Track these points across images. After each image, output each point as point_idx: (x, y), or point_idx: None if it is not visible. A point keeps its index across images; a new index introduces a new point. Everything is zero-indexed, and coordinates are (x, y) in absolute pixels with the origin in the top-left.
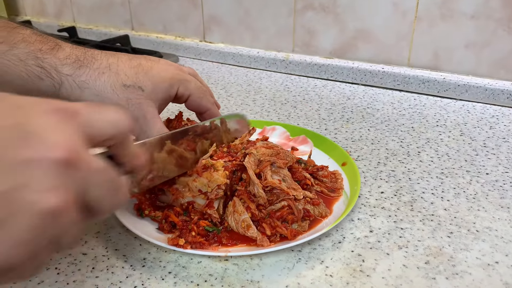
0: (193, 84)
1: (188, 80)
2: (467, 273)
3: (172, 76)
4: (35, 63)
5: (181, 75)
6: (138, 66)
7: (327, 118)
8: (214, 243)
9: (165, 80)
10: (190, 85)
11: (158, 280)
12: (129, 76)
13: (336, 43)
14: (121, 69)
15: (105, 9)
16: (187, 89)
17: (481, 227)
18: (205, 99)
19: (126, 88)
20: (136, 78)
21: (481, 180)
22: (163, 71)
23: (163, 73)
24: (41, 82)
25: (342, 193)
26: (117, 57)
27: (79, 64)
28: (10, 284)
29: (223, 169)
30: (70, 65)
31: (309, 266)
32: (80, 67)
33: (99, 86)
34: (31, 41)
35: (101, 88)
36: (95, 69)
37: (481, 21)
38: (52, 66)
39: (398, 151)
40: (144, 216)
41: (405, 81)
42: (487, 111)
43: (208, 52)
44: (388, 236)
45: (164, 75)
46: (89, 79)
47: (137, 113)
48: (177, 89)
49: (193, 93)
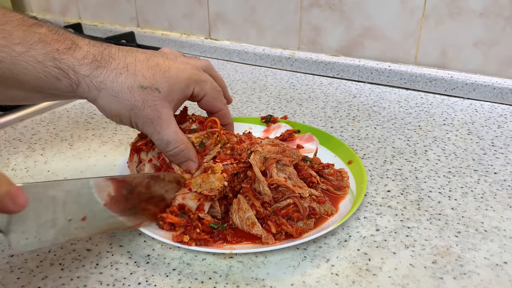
0: (209, 84)
1: (204, 81)
2: (475, 273)
3: (190, 76)
4: (53, 64)
5: (197, 75)
6: (155, 67)
7: (333, 116)
8: (218, 240)
9: (182, 81)
10: (206, 86)
11: (162, 277)
12: (146, 77)
13: (343, 40)
14: (139, 69)
15: (110, 6)
16: (202, 89)
17: (489, 226)
18: (218, 100)
19: (143, 90)
20: (153, 79)
21: (489, 180)
22: (181, 72)
23: (180, 74)
24: (58, 82)
25: (348, 191)
26: (134, 56)
27: (97, 64)
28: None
29: (221, 172)
30: (87, 65)
31: (315, 265)
32: (98, 67)
33: (116, 87)
34: (47, 41)
35: (118, 89)
36: (113, 69)
37: (490, 19)
38: (69, 66)
39: (405, 149)
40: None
41: (412, 80)
42: (495, 110)
43: (214, 50)
44: (395, 235)
45: (181, 76)
46: (107, 79)
47: (152, 115)
48: (193, 89)
49: (208, 93)
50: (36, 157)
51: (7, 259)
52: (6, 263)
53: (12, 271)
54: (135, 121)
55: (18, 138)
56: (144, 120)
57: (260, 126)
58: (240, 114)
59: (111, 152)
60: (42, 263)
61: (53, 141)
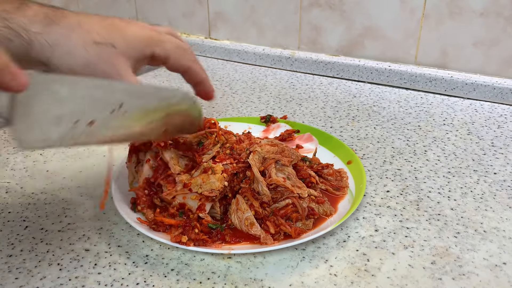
0: (170, 43)
1: (164, 41)
2: (474, 274)
3: (148, 36)
4: (3, 24)
5: (156, 36)
6: (110, 25)
7: (333, 116)
8: (217, 241)
9: (139, 39)
10: (166, 46)
11: (160, 277)
12: (100, 34)
13: (343, 40)
14: (93, 27)
15: (110, 5)
16: (164, 50)
17: (488, 227)
18: (184, 58)
19: (98, 46)
20: (108, 35)
21: (488, 180)
22: (138, 31)
23: (138, 33)
24: (10, 43)
25: (347, 191)
26: (87, 15)
27: (49, 21)
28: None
29: (221, 173)
30: (39, 23)
31: (313, 265)
32: (50, 24)
33: (69, 44)
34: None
35: (72, 46)
36: (65, 26)
37: (490, 19)
38: (20, 25)
39: (405, 149)
40: (137, 211)
41: (411, 79)
42: (495, 110)
43: (213, 49)
44: (394, 235)
45: (139, 35)
46: (60, 37)
47: (109, 70)
48: (153, 51)
49: (171, 53)
50: (35, 156)
51: (5, 259)
52: (4, 263)
53: (10, 271)
54: None
55: None
56: (101, 76)
57: (260, 126)
58: (240, 114)
59: None
60: (40, 263)
61: None
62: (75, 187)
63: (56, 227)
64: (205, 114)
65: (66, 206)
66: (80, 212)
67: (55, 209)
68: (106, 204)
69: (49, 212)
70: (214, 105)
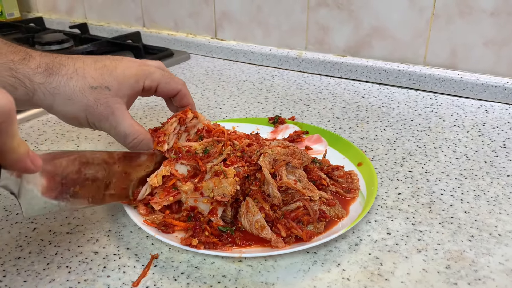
0: (157, 73)
1: (152, 72)
2: (490, 279)
3: (136, 72)
4: (9, 74)
5: (144, 69)
6: (103, 68)
7: (341, 117)
8: (227, 244)
9: (130, 76)
10: (155, 76)
11: (170, 280)
12: (95, 78)
13: (350, 40)
14: (87, 72)
15: (116, 6)
16: (153, 80)
17: (503, 231)
18: (172, 83)
19: (94, 90)
20: (102, 79)
21: (502, 182)
22: (127, 69)
23: (127, 71)
24: (15, 91)
25: (359, 193)
26: (82, 61)
27: (49, 72)
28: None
29: (233, 176)
30: (41, 74)
31: (325, 269)
32: (50, 74)
33: (68, 91)
34: (3, 52)
35: (71, 93)
36: (64, 75)
37: (501, 18)
38: (25, 76)
39: (415, 151)
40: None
41: (421, 80)
42: (506, 111)
43: (220, 50)
44: (407, 238)
45: (128, 73)
46: (59, 85)
47: (106, 112)
48: (143, 83)
49: (160, 82)
50: None
51: (14, 262)
52: (13, 265)
53: (19, 273)
54: (91, 120)
55: (25, 138)
56: (99, 117)
57: (268, 127)
58: (247, 115)
59: None
60: (49, 265)
61: (60, 141)
62: None
63: (65, 229)
64: (213, 114)
65: None
66: (88, 214)
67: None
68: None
69: (57, 214)
70: (222, 106)
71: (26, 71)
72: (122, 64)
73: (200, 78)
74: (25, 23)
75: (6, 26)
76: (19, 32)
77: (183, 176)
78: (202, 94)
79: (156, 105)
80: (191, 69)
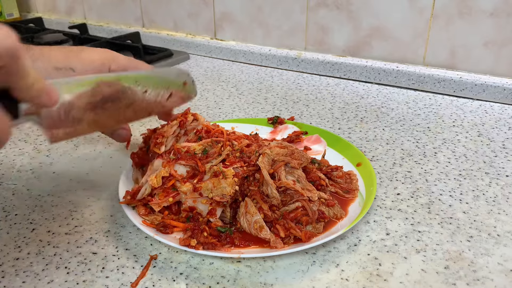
0: (124, 59)
1: (118, 56)
2: (488, 279)
3: (102, 55)
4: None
5: (110, 53)
6: (69, 52)
7: (341, 117)
8: (226, 244)
9: (95, 59)
10: (121, 61)
11: (169, 281)
12: (60, 60)
13: (350, 41)
14: (53, 54)
15: (116, 6)
16: (120, 65)
17: (502, 231)
18: (143, 66)
19: (58, 71)
20: (67, 61)
21: (501, 183)
22: (93, 52)
23: (93, 54)
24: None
25: (358, 194)
26: (50, 47)
27: None
28: None
29: (232, 177)
30: None
31: (324, 269)
32: None
33: None
34: None
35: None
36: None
37: (501, 19)
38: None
39: (414, 151)
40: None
41: (420, 80)
42: (506, 111)
43: (219, 50)
44: (406, 239)
45: (94, 56)
46: None
47: None
48: (109, 67)
49: (127, 66)
50: (42, 158)
51: (12, 262)
52: (11, 266)
53: (18, 274)
54: None
55: (24, 139)
56: None
57: (267, 128)
58: (246, 115)
59: (117, 153)
60: (47, 266)
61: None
62: (81, 189)
63: (63, 230)
64: (212, 115)
65: (73, 209)
66: (87, 215)
67: (62, 211)
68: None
69: (56, 215)
70: (221, 106)
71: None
72: (89, 49)
73: (200, 79)
74: (25, 23)
75: None
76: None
77: (182, 177)
78: (201, 95)
79: None
80: (190, 70)
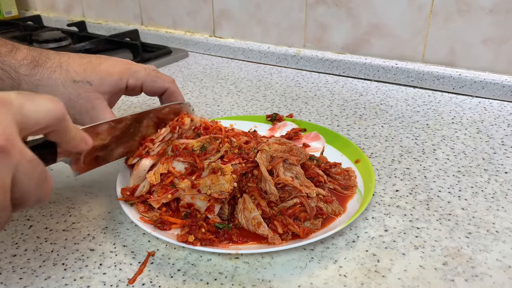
0: (142, 72)
1: (136, 70)
2: (487, 276)
3: (120, 69)
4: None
5: (129, 68)
6: (87, 63)
7: (340, 114)
8: (224, 240)
9: (113, 74)
10: (139, 75)
11: (167, 277)
12: (78, 72)
13: (349, 38)
14: (71, 66)
15: (114, 4)
16: (137, 79)
17: (500, 227)
18: (159, 81)
19: (76, 84)
20: (85, 73)
21: (499, 179)
22: (111, 66)
23: (111, 68)
24: (2, 82)
25: (356, 190)
26: (68, 56)
27: (35, 64)
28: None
29: (230, 173)
30: (26, 66)
31: (322, 266)
32: (35, 67)
33: (51, 83)
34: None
35: (53, 85)
36: (48, 68)
37: (500, 16)
38: (11, 67)
39: (413, 148)
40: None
41: (419, 77)
42: (505, 108)
43: (218, 47)
44: (404, 235)
45: (111, 70)
46: (43, 77)
47: (86, 106)
48: (127, 82)
49: (144, 80)
50: None
51: (10, 259)
52: (9, 262)
53: (15, 271)
54: (72, 113)
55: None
56: (80, 111)
57: (266, 125)
58: (245, 113)
59: None
60: (45, 263)
61: None
62: (79, 186)
63: (61, 227)
64: (211, 112)
65: (71, 205)
66: (85, 211)
67: (60, 208)
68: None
69: (53, 211)
70: (220, 103)
71: (12, 62)
72: (108, 61)
73: (198, 76)
74: (23, 21)
75: (4, 24)
76: (17, 30)
77: (180, 173)
78: (200, 92)
79: (155, 104)
80: (189, 67)
